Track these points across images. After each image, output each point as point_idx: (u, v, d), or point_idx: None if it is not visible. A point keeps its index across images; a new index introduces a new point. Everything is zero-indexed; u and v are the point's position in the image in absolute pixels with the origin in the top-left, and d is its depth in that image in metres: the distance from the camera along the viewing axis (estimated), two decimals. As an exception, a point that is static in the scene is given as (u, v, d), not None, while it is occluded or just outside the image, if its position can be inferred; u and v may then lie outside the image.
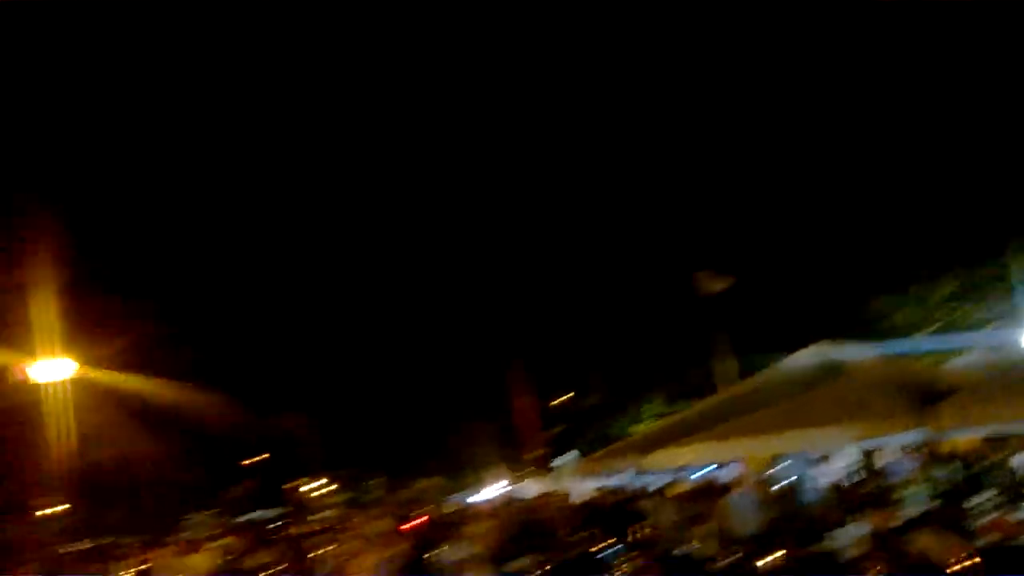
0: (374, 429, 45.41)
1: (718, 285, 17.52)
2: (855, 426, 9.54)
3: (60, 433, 17.58)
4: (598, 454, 15.67)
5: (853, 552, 7.56)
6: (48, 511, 20.13)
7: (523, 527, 13.49)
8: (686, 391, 23.58)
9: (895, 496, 11.37)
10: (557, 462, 28.05)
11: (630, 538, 12.00)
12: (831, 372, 10.77)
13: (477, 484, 38.29)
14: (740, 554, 9.91)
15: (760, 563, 8.63)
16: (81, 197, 25.78)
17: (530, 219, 29.97)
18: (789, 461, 12.63)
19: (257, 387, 37.54)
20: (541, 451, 15.62)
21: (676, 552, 10.70)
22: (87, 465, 21.17)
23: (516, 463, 31.51)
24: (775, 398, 10.86)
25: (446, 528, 14.30)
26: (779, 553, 8.53)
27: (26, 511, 20.41)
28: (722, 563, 9.39)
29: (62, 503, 18.21)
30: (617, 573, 8.40)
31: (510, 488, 21.58)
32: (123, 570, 13.35)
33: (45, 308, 18.33)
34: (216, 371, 29.87)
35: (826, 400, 10.18)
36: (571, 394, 28.25)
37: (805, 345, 11.88)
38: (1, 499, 20.42)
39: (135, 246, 27.84)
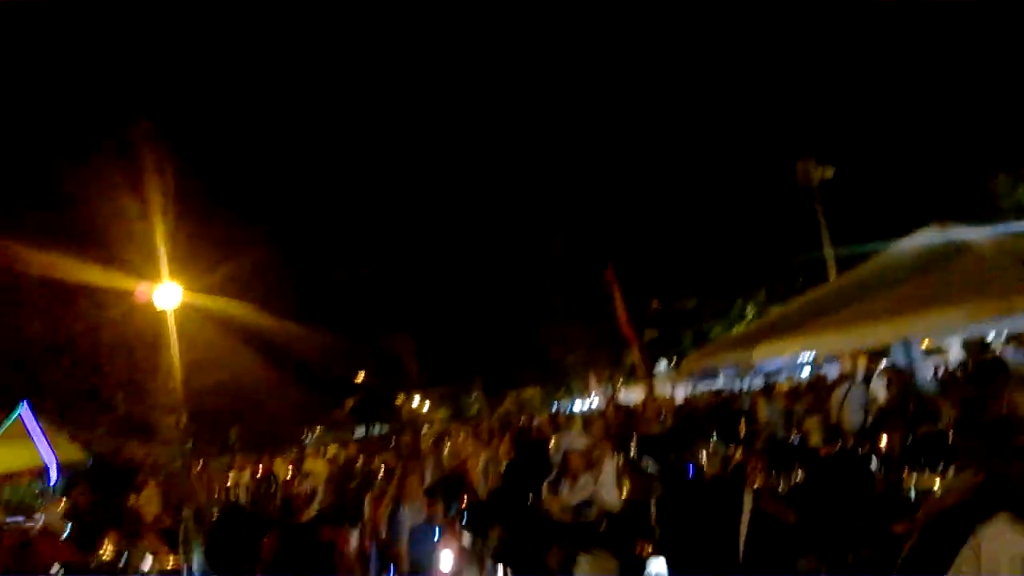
0: (471, 343, 46.18)
1: (821, 174, 16.65)
2: (974, 307, 9.00)
3: (174, 356, 18.18)
4: (700, 352, 15.42)
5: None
6: (168, 431, 21.10)
7: (628, 429, 13.51)
8: (788, 290, 22.96)
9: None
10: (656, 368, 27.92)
11: (740, 435, 11.89)
12: (948, 253, 10.16)
13: (576, 393, 38.69)
14: (850, 443, 9.67)
15: (870, 448, 8.38)
16: (188, 124, 26.28)
17: (624, 117, 29.28)
18: (901, 349, 12.18)
19: (357, 309, 38.40)
20: (640, 356, 15.42)
21: (783, 441, 10.50)
22: (201, 387, 22.12)
23: (614, 370, 31.56)
24: (888, 283, 10.36)
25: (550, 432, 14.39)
26: (888, 438, 8.25)
27: (148, 430, 21.55)
28: (831, 450, 9.16)
29: (181, 423, 19.07)
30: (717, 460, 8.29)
31: (611, 395, 21.64)
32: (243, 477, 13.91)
33: (157, 234, 18.97)
34: (318, 295, 30.66)
35: (942, 282, 9.64)
36: (668, 297, 27.75)
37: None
38: (124, 419, 21.60)
39: (238, 174, 28.33)
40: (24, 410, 19.94)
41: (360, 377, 44.99)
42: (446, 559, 7.46)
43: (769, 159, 21.11)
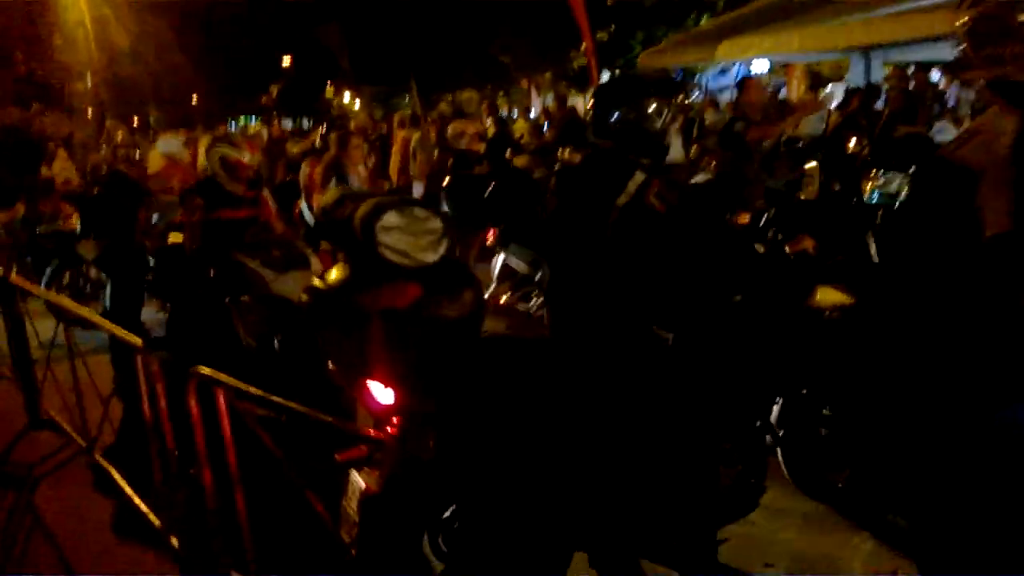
0: (406, 39, 43.72)
1: None
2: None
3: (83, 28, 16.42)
4: (654, 50, 14.59)
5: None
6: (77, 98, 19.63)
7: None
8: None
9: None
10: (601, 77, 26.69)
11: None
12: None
13: (515, 99, 37.70)
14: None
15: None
16: None
17: None
18: (861, 66, 11.57)
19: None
20: (591, 50, 14.39)
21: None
22: (113, 52, 20.40)
23: (558, 76, 30.40)
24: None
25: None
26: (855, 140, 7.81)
27: (53, 97, 19.94)
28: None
29: (88, 85, 17.70)
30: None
31: (558, 96, 20.49)
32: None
33: None
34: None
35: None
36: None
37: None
38: (25, 80, 19.84)
39: None
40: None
41: (287, 62, 42.66)
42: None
43: None
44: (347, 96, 55.07)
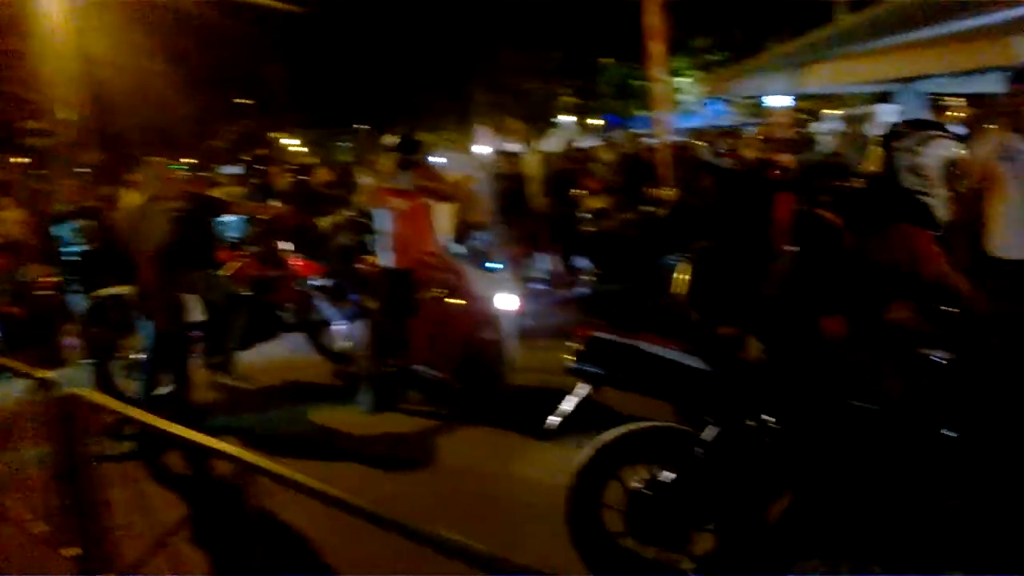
0: (354, 84, 42.56)
1: None
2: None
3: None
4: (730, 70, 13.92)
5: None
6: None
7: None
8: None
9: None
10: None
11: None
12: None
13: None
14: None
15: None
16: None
17: None
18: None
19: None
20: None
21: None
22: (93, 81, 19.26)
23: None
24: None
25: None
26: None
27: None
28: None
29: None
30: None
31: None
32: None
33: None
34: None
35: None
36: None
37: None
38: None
39: None
40: None
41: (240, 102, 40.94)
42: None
43: None
44: (290, 140, 53.21)
